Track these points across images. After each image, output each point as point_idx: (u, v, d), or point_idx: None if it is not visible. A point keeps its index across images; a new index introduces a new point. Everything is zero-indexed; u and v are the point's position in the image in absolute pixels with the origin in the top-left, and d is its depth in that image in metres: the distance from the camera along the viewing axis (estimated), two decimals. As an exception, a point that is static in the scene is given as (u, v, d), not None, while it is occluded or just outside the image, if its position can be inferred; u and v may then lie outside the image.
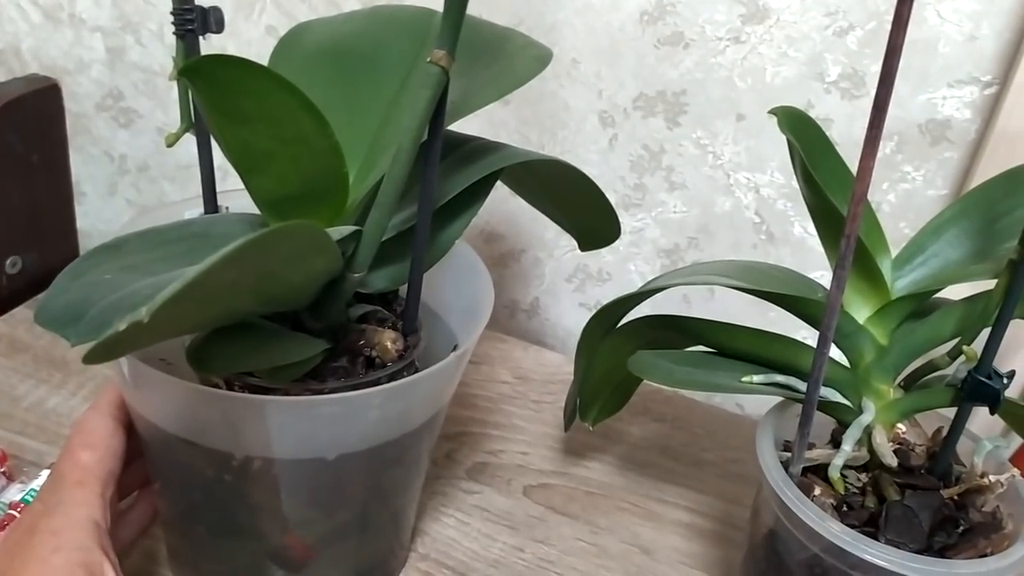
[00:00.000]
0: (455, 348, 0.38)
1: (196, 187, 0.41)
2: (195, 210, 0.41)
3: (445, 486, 0.50)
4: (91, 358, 0.25)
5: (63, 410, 0.52)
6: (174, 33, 0.36)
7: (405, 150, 0.31)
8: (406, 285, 0.38)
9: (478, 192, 0.38)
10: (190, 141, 0.38)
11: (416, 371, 0.37)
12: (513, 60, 0.38)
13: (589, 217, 0.45)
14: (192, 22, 0.35)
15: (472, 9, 0.41)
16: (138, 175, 0.78)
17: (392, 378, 0.36)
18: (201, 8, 0.36)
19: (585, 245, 0.47)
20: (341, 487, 0.37)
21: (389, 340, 0.37)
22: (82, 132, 0.76)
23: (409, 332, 0.39)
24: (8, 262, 0.62)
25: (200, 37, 0.36)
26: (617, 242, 0.46)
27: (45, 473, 0.45)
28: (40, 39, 0.74)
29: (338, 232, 0.33)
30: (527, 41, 0.39)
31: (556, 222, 0.47)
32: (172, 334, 0.32)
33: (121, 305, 0.29)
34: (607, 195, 0.42)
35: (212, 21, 0.36)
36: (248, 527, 0.37)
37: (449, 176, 0.37)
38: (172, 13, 0.35)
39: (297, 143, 0.31)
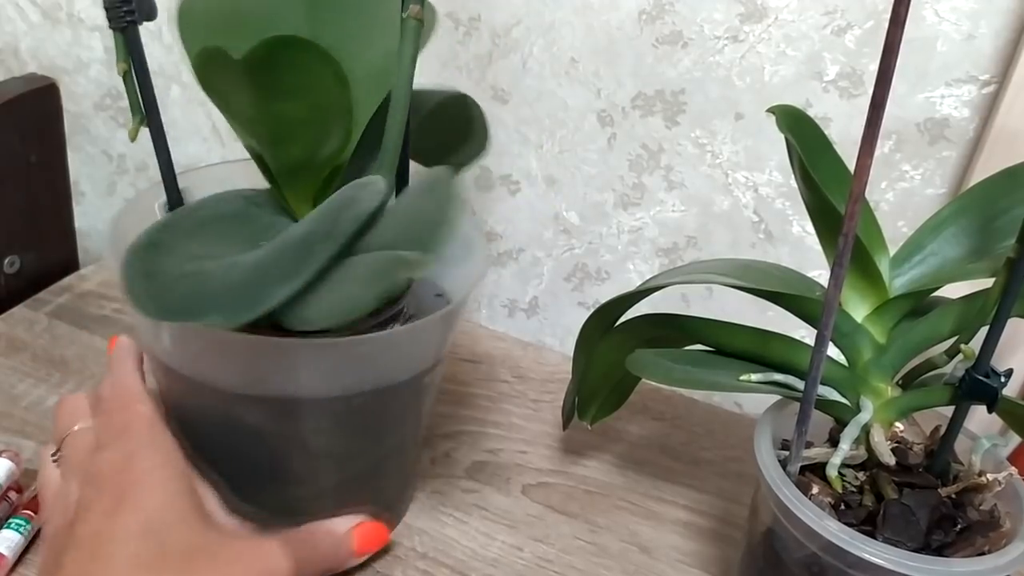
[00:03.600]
0: (439, 295, 0.42)
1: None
2: (160, 199, 0.42)
3: (444, 485, 0.50)
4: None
5: (62, 409, 0.52)
6: (110, 27, 0.35)
7: (400, 99, 0.35)
8: None
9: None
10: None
11: (408, 320, 0.41)
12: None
13: (461, 136, 0.47)
14: (132, 14, 0.35)
15: (471, 8, 0.41)
16: (136, 175, 0.77)
17: (398, 320, 0.40)
18: None
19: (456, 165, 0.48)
20: (371, 423, 0.40)
21: None
22: (80, 132, 0.76)
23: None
24: (6, 262, 0.62)
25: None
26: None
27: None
28: (38, 39, 0.74)
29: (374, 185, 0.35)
30: None
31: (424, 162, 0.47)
32: None
33: (250, 279, 0.32)
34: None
35: (146, 8, 0.36)
36: (284, 468, 0.40)
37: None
38: (105, 7, 0.35)
39: (327, 110, 0.35)
